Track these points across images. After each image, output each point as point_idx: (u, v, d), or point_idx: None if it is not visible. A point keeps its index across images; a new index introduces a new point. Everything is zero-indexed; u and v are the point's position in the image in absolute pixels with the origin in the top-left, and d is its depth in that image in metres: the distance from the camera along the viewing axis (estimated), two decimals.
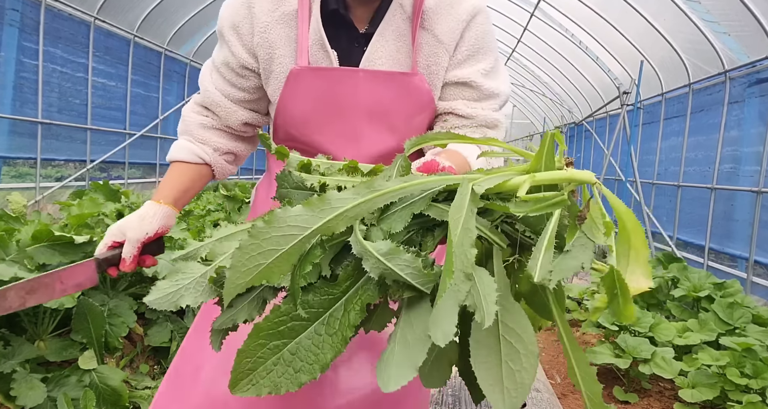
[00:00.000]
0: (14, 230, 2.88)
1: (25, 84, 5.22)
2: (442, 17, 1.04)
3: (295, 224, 0.55)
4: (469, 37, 1.05)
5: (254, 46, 1.05)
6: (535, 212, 0.57)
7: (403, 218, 0.58)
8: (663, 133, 6.61)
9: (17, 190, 5.13)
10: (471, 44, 1.05)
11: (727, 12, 4.77)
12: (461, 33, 1.04)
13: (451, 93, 1.09)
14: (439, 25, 1.04)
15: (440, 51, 1.05)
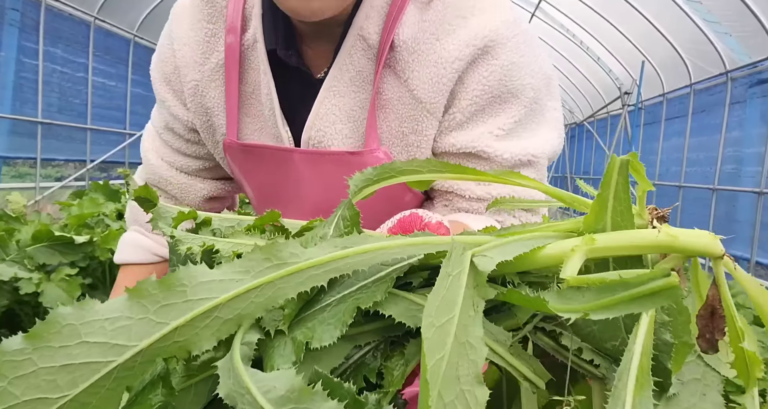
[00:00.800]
0: (14, 230, 2.88)
1: (25, 84, 5.22)
2: (421, 60, 0.65)
3: (103, 340, 0.27)
4: (473, 88, 0.66)
5: (190, 108, 0.80)
6: (604, 312, 0.27)
7: (339, 320, 0.30)
8: (664, 133, 6.60)
9: (17, 190, 5.13)
10: (476, 96, 0.66)
11: (729, 12, 4.76)
12: (452, 87, 0.66)
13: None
14: (416, 74, 0.66)
15: (419, 113, 0.67)
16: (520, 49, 0.66)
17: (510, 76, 0.66)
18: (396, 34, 0.65)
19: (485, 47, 0.64)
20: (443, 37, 0.65)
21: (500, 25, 0.65)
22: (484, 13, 0.65)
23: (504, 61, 0.65)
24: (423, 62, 0.65)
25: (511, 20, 0.66)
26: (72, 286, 2.66)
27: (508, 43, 0.65)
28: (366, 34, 0.67)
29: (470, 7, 0.66)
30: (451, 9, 0.65)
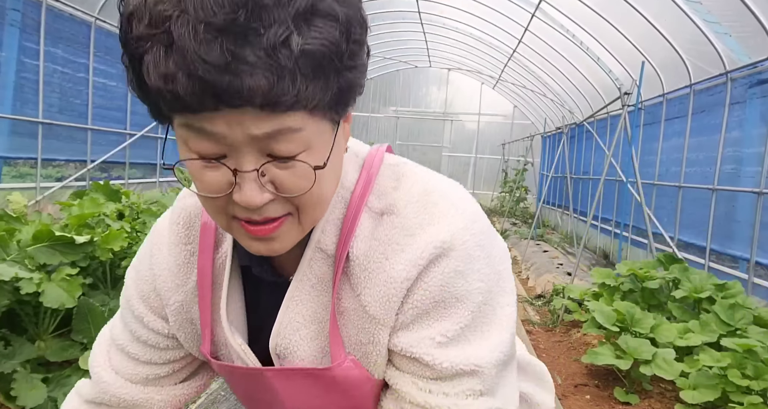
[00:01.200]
0: (15, 230, 2.88)
1: (25, 84, 5.22)
2: (372, 278, 0.64)
3: None
4: (416, 293, 0.63)
5: (174, 324, 0.77)
6: None
7: None
8: (664, 133, 6.60)
9: (18, 190, 5.13)
10: (418, 300, 0.63)
11: (729, 12, 4.77)
12: (401, 300, 0.64)
13: (399, 365, 0.68)
14: (368, 290, 0.64)
15: (373, 327, 0.65)
16: (468, 256, 0.63)
17: (453, 283, 0.63)
18: (350, 247, 0.65)
19: (431, 262, 0.63)
20: (392, 257, 0.63)
21: (446, 237, 0.62)
22: (432, 227, 0.63)
23: (447, 269, 0.62)
24: (374, 280, 0.64)
25: (460, 227, 0.63)
26: (72, 286, 2.66)
27: (453, 253, 0.63)
28: (323, 246, 0.66)
29: (418, 224, 0.64)
30: (399, 229, 0.64)
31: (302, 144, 0.52)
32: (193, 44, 0.44)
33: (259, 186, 0.53)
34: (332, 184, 0.60)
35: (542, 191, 11.66)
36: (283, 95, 0.46)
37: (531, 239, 9.08)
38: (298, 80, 0.46)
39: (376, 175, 0.67)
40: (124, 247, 3.13)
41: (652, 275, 4.23)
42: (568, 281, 5.68)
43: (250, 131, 0.49)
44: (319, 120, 0.52)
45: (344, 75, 0.51)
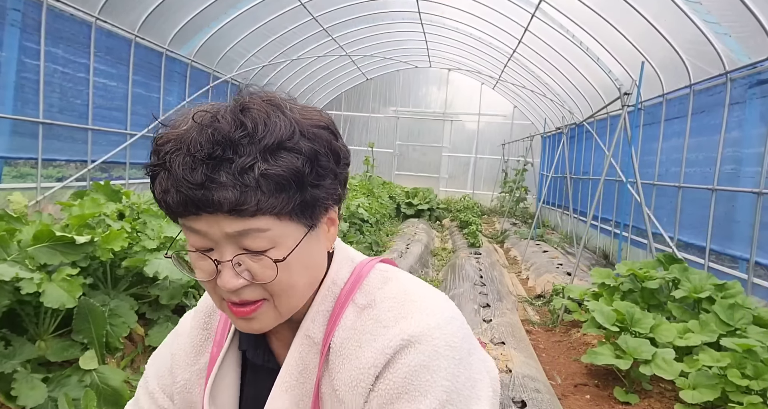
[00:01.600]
0: (15, 230, 2.88)
1: (26, 84, 5.23)
2: (345, 364, 0.69)
3: None
4: (384, 386, 0.66)
5: (176, 404, 0.84)
6: None
7: None
8: (664, 134, 6.60)
9: (18, 190, 5.14)
10: (382, 390, 0.66)
11: (728, 13, 4.77)
12: (368, 388, 0.67)
13: None
14: (339, 375, 0.69)
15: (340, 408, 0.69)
16: (435, 352, 0.65)
17: (417, 376, 0.65)
18: (333, 336, 0.71)
19: (397, 352, 0.66)
20: (364, 345, 0.68)
21: (416, 331, 0.66)
22: (405, 321, 0.68)
23: (412, 362, 0.65)
24: (346, 366, 0.69)
25: (432, 325, 0.67)
26: (73, 286, 2.67)
27: (420, 347, 0.65)
28: (311, 334, 0.73)
29: (392, 318, 0.69)
30: (374, 321, 0.70)
31: (269, 241, 0.64)
32: (181, 170, 0.60)
33: (235, 273, 0.65)
34: (303, 277, 0.69)
35: (542, 191, 11.66)
36: (245, 205, 0.60)
37: (531, 239, 9.08)
38: (258, 194, 0.61)
39: (365, 277, 0.75)
40: (125, 247, 3.14)
41: (652, 275, 4.23)
42: (568, 281, 5.68)
43: (225, 230, 0.63)
44: (287, 223, 0.65)
45: (307, 191, 0.64)
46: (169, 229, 3.59)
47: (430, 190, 13.74)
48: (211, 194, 0.60)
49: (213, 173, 0.60)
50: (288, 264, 0.66)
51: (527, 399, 2.86)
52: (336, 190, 0.69)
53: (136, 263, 3.16)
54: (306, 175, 0.63)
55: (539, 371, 3.46)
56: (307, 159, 0.63)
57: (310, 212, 0.66)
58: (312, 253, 0.70)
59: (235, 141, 0.60)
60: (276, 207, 0.62)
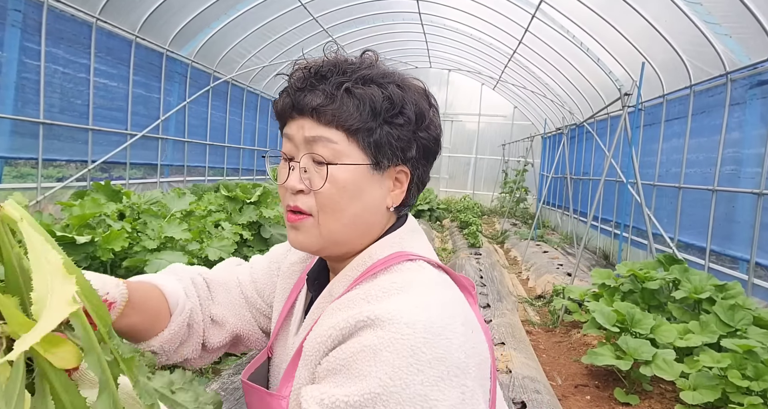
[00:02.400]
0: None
1: (26, 84, 5.23)
2: (322, 321, 0.71)
3: None
4: (333, 354, 0.65)
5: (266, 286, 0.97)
6: None
7: None
8: (664, 134, 6.60)
9: (19, 190, 5.14)
10: (333, 359, 0.65)
11: (729, 13, 4.77)
12: (327, 350, 0.67)
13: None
14: (314, 330, 0.71)
15: (303, 371, 0.70)
16: (389, 343, 0.60)
17: (362, 357, 0.61)
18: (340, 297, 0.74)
19: (359, 327, 0.64)
20: (342, 310, 0.69)
21: (385, 315, 0.62)
22: (384, 302, 0.66)
23: (365, 341, 0.62)
24: (320, 324, 0.70)
25: (404, 320, 0.61)
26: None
27: (379, 332, 0.61)
28: (333, 292, 0.77)
29: (378, 296, 0.68)
30: (363, 293, 0.70)
31: (334, 154, 0.71)
32: (294, 80, 0.75)
33: (299, 177, 0.74)
34: (350, 205, 0.73)
35: (542, 192, 11.66)
36: (326, 108, 0.71)
37: (531, 239, 9.08)
38: (338, 104, 0.71)
39: (399, 263, 0.74)
40: (125, 247, 3.14)
41: (652, 275, 4.23)
42: (568, 282, 5.68)
43: (305, 134, 0.73)
44: (354, 146, 0.72)
45: (380, 125, 0.72)
46: (170, 229, 3.59)
47: (431, 191, 13.75)
48: (304, 96, 0.72)
49: (315, 82, 0.73)
50: (338, 181, 0.72)
51: (527, 400, 2.86)
52: (409, 145, 0.75)
53: (137, 263, 3.17)
54: (383, 108, 0.72)
55: (539, 371, 3.45)
56: (390, 98, 0.73)
57: (376, 148, 0.73)
58: (367, 189, 0.74)
59: (342, 67, 0.74)
60: (348, 121, 0.71)
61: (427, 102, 0.78)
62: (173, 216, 4.00)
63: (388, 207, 0.77)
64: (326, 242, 0.75)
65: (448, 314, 0.65)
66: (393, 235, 0.78)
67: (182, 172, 8.62)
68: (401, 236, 0.79)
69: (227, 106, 10.09)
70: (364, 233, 0.77)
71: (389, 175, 0.76)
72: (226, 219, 4.67)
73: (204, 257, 3.75)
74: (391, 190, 0.77)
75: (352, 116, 0.71)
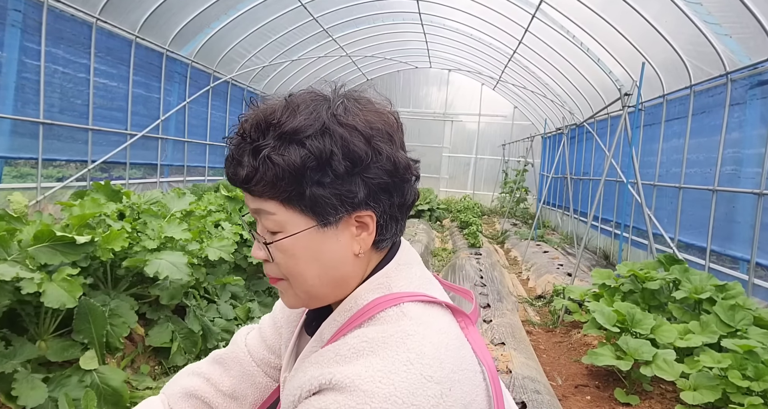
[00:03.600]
0: (16, 230, 2.88)
1: (26, 84, 5.23)
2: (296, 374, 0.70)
3: None
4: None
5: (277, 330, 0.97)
6: None
7: None
8: (664, 134, 6.60)
9: (19, 190, 5.14)
10: None
11: (729, 13, 4.77)
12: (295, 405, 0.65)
13: None
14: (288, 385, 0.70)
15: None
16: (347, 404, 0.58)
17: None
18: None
19: (321, 388, 0.61)
20: (314, 365, 0.66)
21: (344, 379, 0.60)
22: (346, 365, 0.62)
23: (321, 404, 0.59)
24: (293, 376, 0.70)
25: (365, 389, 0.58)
26: (73, 286, 2.66)
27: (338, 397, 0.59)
28: (323, 337, 0.75)
29: (346, 356, 0.64)
30: (334, 350, 0.66)
31: (277, 225, 0.70)
32: (231, 147, 0.72)
33: (258, 247, 0.74)
34: (312, 268, 0.72)
35: (542, 192, 11.66)
36: (250, 184, 0.69)
37: (531, 239, 9.08)
38: (260, 176, 0.67)
39: (384, 309, 0.69)
40: (125, 247, 3.13)
41: (653, 275, 4.23)
42: (569, 282, 5.67)
43: (250, 205, 0.72)
44: (292, 212, 0.69)
45: (308, 187, 0.68)
46: (169, 229, 3.58)
47: (431, 191, 13.74)
48: (234, 170, 0.70)
49: (241, 152, 0.69)
50: (287, 250, 0.71)
51: (527, 400, 2.85)
52: (350, 195, 0.69)
53: (137, 263, 3.16)
54: (306, 169, 0.67)
55: (539, 372, 3.45)
56: (313, 156, 0.66)
57: (316, 209, 0.69)
58: (322, 249, 0.71)
59: (264, 125, 0.68)
60: (274, 192, 0.68)
61: (363, 138, 0.68)
62: (173, 216, 4.00)
63: (356, 254, 0.72)
64: (307, 300, 0.75)
65: (422, 374, 0.60)
66: (379, 274, 0.74)
67: (182, 172, 8.62)
68: (388, 274, 0.74)
69: (227, 106, 10.09)
70: (339, 284, 0.74)
71: (345, 224, 0.71)
72: (226, 219, 4.67)
73: (204, 257, 3.75)
74: (357, 236, 0.72)
75: (275, 187, 0.67)
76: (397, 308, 0.69)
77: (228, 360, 0.97)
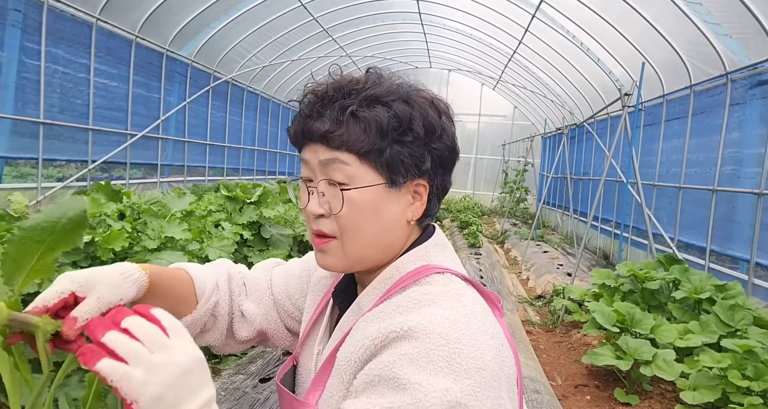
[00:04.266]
0: None
1: (27, 84, 5.23)
2: (354, 334, 0.72)
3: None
4: (371, 366, 0.65)
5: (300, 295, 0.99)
6: None
7: None
8: (664, 134, 6.61)
9: (19, 190, 5.14)
10: (371, 370, 0.64)
11: (729, 13, 4.77)
12: (361, 363, 0.67)
13: None
14: (345, 344, 0.72)
15: (335, 381, 0.70)
16: (425, 354, 0.61)
17: (396, 368, 0.61)
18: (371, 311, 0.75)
19: (394, 338, 0.64)
20: (374, 323, 0.70)
21: (416, 325, 0.63)
22: (413, 313, 0.67)
23: (399, 351, 0.62)
24: (354, 337, 0.71)
25: (439, 331, 0.63)
26: None
27: (413, 342, 0.62)
28: (362, 304, 0.79)
29: (410, 306, 0.69)
30: (395, 305, 0.71)
31: (347, 177, 0.73)
32: (304, 106, 0.77)
33: (318, 202, 0.76)
34: (370, 224, 0.75)
35: (542, 192, 11.66)
36: (333, 134, 0.72)
37: (531, 239, 9.08)
38: (344, 129, 0.72)
39: (427, 275, 0.75)
40: (125, 247, 3.14)
41: (653, 275, 4.23)
42: (569, 282, 5.68)
43: (319, 157, 0.75)
44: (366, 167, 0.74)
45: (389, 145, 0.73)
46: (170, 229, 3.59)
47: None
48: (313, 123, 0.74)
49: (321, 109, 0.74)
50: (355, 203, 0.73)
51: (527, 400, 2.86)
52: (422, 159, 0.76)
53: (137, 262, 3.16)
54: (390, 128, 0.73)
55: (539, 371, 3.45)
56: (397, 117, 0.73)
57: (389, 167, 0.74)
58: (385, 208, 0.76)
59: (347, 89, 0.75)
60: (356, 145, 0.72)
61: (437, 112, 0.79)
62: (173, 216, 4.01)
63: (408, 221, 0.78)
64: (352, 262, 0.77)
65: (479, 327, 0.66)
66: (419, 248, 0.79)
67: (182, 172, 8.62)
68: (427, 249, 0.79)
69: (227, 106, 10.09)
70: (388, 249, 0.78)
71: (407, 190, 0.77)
72: (227, 219, 4.67)
73: (204, 257, 3.75)
74: (411, 204, 0.78)
75: (359, 140, 0.72)
76: (443, 275, 0.75)
77: (251, 283, 1.00)
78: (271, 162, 12.52)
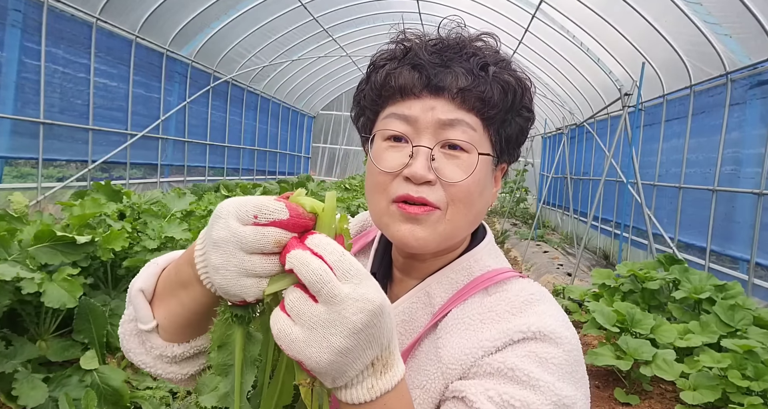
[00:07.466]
0: (16, 230, 2.88)
1: (27, 84, 5.23)
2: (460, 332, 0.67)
3: None
4: (498, 357, 0.62)
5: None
6: None
7: None
8: (664, 134, 6.61)
9: (19, 190, 5.14)
10: (493, 361, 0.62)
11: (729, 14, 4.77)
12: (475, 360, 0.63)
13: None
14: (451, 341, 0.66)
15: (434, 370, 0.65)
16: (554, 357, 0.61)
17: (525, 365, 0.60)
18: (457, 307, 0.69)
19: (522, 339, 0.63)
20: (487, 322, 0.66)
21: (543, 328, 0.63)
22: (534, 315, 0.65)
23: (531, 350, 0.61)
24: (460, 334, 0.66)
25: (560, 334, 0.63)
26: (74, 286, 2.67)
27: (542, 345, 0.62)
28: (432, 292, 0.71)
29: (520, 308, 0.66)
30: (505, 303, 0.67)
31: (470, 140, 0.65)
32: (425, 53, 0.65)
33: (428, 164, 0.64)
34: (477, 201, 0.67)
35: (542, 192, 11.67)
36: (470, 94, 0.63)
37: (531, 239, 9.08)
38: (485, 87, 0.64)
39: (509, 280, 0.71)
40: (125, 247, 3.14)
41: (652, 275, 4.23)
42: (569, 282, 5.68)
43: (438, 116, 0.64)
44: (484, 137, 0.66)
45: (512, 117, 0.67)
46: (170, 229, 3.59)
47: None
48: (444, 74, 0.64)
49: (453, 59, 0.65)
50: (476, 172, 0.65)
51: None
52: (523, 139, 0.71)
53: (137, 262, 3.17)
54: (518, 98, 0.67)
55: None
56: (521, 86, 0.68)
57: (506, 141, 0.68)
58: (488, 184, 0.69)
59: (471, 48, 0.67)
60: (492, 108, 0.65)
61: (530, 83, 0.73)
62: (173, 216, 4.01)
63: (490, 204, 0.72)
64: (444, 239, 0.67)
65: (573, 328, 0.67)
66: (489, 241, 0.75)
67: (182, 172, 8.62)
68: (494, 244, 0.76)
69: (227, 106, 10.09)
70: (470, 232, 0.72)
71: (497, 173, 0.72)
72: None
73: None
74: (494, 188, 0.72)
75: (496, 103, 0.65)
76: (522, 279, 0.71)
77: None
78: (271, 162, 12.52)
